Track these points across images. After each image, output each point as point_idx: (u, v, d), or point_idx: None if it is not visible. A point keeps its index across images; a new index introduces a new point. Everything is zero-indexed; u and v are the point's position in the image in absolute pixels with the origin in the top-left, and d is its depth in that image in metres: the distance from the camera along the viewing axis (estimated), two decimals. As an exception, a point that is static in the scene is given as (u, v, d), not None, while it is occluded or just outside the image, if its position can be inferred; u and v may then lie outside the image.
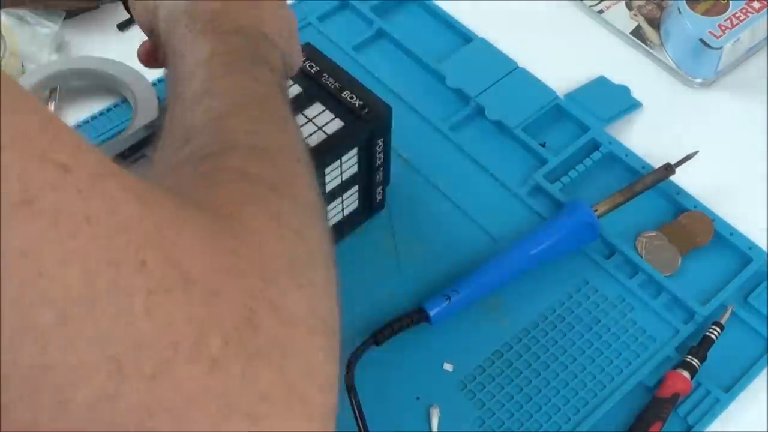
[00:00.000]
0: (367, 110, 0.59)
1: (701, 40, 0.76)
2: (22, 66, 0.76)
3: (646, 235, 0.68)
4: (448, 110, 0.74)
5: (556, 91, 0.75)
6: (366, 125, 0.59)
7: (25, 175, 0.26)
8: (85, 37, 0.79)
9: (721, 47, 0.76)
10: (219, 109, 0.42)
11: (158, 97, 0.72)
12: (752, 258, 0.66)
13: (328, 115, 0.60)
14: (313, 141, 0.58)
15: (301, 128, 0.58)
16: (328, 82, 0.61)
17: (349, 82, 0.61)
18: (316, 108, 0.60)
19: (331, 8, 0.81)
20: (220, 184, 0.37)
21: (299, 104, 0.60)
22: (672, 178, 0.69)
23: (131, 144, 0.59)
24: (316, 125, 0.59)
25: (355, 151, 0.60)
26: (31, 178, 0.27)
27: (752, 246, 0.67)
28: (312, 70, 0.61)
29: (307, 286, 0.35)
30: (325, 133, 0.59)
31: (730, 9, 0.77)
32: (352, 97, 0.60)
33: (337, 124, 0.59)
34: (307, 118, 0.59)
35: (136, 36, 0.79)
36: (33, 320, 0.26)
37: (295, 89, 0.61)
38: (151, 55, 0.53)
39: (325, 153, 0.58)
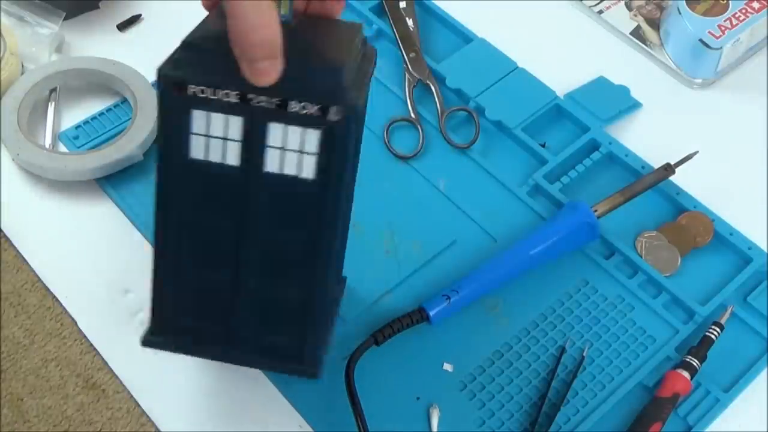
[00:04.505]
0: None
1: (701, 41, 0.76)
2: (22, 66, 0.76)
3: (646, 235, 0.68)
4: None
5: (555, 91, 0.75)
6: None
7: None
8: (85, 37, 0.80)
9: (721, 47, 0.76)
10: None
11: (158, 97, 0.72)
12: (752, 258, 0.66)
13: None
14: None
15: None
16: None
17: None
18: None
19: (331, 8, 0.81)
20: None
21: None
22: (672, 178, 0.69)
23: None
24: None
25: None
26: None
27: (752, 246, 0.67)
28: None
29: None
30: None
31: (729, 9, 0.77)
32: None
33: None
34: None
35: (136, 36, 0.80)
36: None
37: None
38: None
39: None
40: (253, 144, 0.49)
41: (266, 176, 0.49)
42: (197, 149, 0.49)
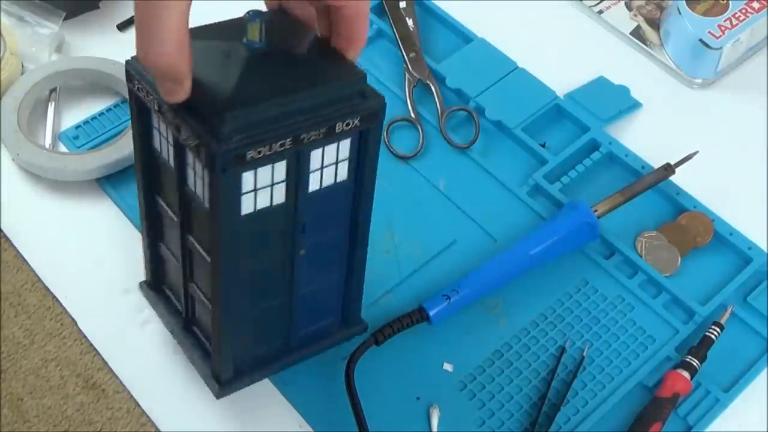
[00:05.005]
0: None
1: (701, 41, 0.76)
2: (22, 66, 0.76)
3: (646, 235, 0.68)
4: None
5: (555, 91, 0.75)
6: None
7: None
8: (85, 37, 0.80)
9: (721, 47, 0.76)
10: None
11: (158, 97, 0.72)
12: (752, 258, 0.66)
13: None
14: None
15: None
16: None
17: None
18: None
19: (331, 8, 0.81)
20: None
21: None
22: (672, 178, 0.69)
23: None
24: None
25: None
26: None
27: (752, 246, 0.67)
28: None
29: None
30: None
31: (729, 9, 0.77)
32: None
33: None
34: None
35: (136, 36, 0.80)
36: None
37: None
38: None
39: None
40: (178, 153, 0.49)
41: (188, 191, 0.50)
42: (155, 139, 0.52)
